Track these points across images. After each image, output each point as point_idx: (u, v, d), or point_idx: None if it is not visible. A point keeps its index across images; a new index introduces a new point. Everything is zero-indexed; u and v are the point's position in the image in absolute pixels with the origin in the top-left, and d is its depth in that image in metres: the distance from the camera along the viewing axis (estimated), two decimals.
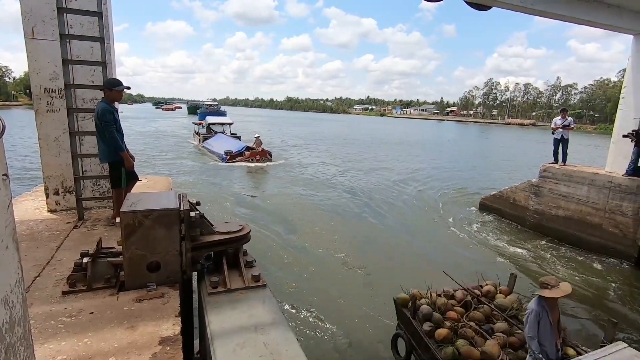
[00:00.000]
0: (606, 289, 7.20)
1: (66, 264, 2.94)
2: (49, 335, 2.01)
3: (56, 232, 3.75)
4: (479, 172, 21.10)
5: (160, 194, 3.25)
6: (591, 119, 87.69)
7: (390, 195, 14.22)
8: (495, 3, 7.66)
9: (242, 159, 19.17)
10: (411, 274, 7.52)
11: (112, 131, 3.88)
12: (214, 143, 22.74)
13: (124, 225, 2.41)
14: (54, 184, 4.47)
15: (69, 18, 4.17)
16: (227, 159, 19.01)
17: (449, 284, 4.78)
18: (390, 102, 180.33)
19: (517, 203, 10.95)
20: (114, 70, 4.53)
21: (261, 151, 19.69)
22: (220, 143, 22.08)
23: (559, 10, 8.10)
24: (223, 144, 21.45)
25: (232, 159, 19.12)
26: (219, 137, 24.39)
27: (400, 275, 7.29)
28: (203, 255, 2.85)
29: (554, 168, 10.06)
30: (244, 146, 20.29)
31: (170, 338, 2.03)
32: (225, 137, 24.47)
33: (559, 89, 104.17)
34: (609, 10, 8.59)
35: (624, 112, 9.59)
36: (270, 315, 2.31)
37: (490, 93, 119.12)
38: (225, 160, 19.04)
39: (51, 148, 4.39)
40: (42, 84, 4.21)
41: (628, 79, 9.57)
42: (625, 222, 8.46)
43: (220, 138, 24.07)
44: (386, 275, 7.28)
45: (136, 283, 2.52)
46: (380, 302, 6.05)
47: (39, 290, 2.53)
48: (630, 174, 8.60)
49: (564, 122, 10.20)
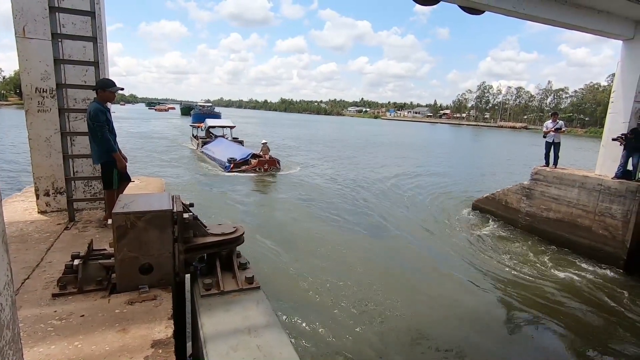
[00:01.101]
0: (593, 293, 7.29)
1: (56, 266, 2.90)
2: (38, 339, 1.98)
3: (46, 234, 3.70)
4: (475, 173, 21.27)
5: (153, 195, 3.22)
6: (581, 122, 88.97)
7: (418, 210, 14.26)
8: (488, 7, 7.75)
9: (247, 168, 16.95)
10: (410, 277, 7.56)
11: (105, 132, 3.84)
12: (214, 149, 20.62)
13: (116, 226, 2.38)
14: (44, 184, 4.41)
15: (61, 17, 4.14)
16: (230, 168, 16.87)
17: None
18: (384, 104, 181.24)
19: (509, 205, 11.06)
20: (106, 70, 4.49)
21: (269, 159, 17.43)
22: (222, 149, 19.95)
23: (550, 15, 8.23)
24: (225, 150, 19.37)
25: (236, 167, 16.95)
26: (220, 142, 22.20)
27: (401, 282, 7.33)
28: (196, 257, 2.83)
29: (545, 171, 10.19)
30: (249, 153, 18.19)
31: (162, 341, 2.01)
32: (227, 142, 22.28)
33: (550, 93, 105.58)
34: (599, 16, 8.74)
35: (613, 116, 9.75)
36: (264, 317, 2.30)
37: (483, 96, 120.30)
38: (228, 170, 16.87)
39: (42, 148, 4.33)
40: (33, 84, 4.16)
41: (617, 83, 9.73)
42: (614, 224, 8.58)
43: (221, 143, 21.91)
44: (385, 282, 7.29)
45: (128, 285, 2.49)
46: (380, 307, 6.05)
47: (28, 293, 2.49)
48: (620, 176, 8.74)
49: (555, 126, 10.34)
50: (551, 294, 7.04)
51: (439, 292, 6.94)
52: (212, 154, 19.84)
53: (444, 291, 6.97)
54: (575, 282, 7.59)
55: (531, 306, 6.62)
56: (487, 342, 5.58)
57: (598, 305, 6.77)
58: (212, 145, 21.74)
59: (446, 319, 6.04)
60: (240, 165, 17.16)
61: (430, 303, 6.51)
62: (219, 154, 19.13)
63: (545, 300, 6.82)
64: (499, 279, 7.59)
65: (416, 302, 6.48)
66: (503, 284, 7.42)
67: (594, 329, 6.08)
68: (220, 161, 18.14)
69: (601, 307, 6.72)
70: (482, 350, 5.39)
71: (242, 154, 18.26)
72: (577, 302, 6.84)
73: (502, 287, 7.30)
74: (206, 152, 20.94)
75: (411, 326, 5.73)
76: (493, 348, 5.47)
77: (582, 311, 6.56)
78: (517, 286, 7.33)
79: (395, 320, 5.88)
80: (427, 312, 6.20)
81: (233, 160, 17.25)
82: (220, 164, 18.00)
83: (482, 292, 7.03)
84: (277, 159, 17.89)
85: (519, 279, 7.60)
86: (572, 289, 7.32)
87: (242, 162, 17.34)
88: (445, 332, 5.70)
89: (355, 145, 35.30)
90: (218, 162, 18.33)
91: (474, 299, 6.79)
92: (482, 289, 7.17)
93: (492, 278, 7.63)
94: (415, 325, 5.75)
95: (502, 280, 7.54)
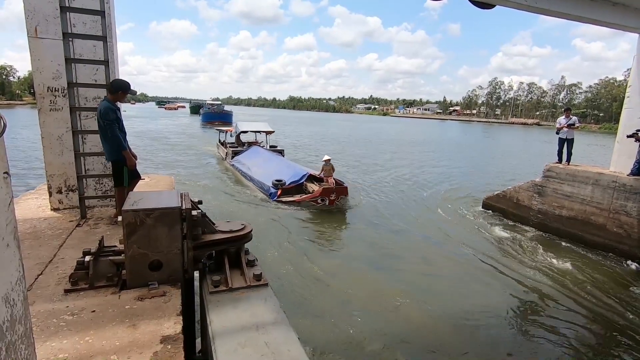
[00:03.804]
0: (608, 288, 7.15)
1: (69, 262, 2.95)
2: (50, 334, 2.01)
3: (59, 231, 3.76)
4: (491, 170, 20.95)
5: (162, 192, 3.25)
6: (595, 118, 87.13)
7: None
8: (498, 1, 7.62)
9: (305, 198, 11.28)
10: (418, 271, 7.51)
11: (115, 130, 3.89)
12: (249, 162, 15.37)
13: (126, 223, 2.41)
14: (57, 182, 4.48)
15: (72, 17, 4.20)
16: (277, 195, 11.71)
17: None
18: (393, 101, 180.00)
19: (520, 203, 10.90)
20: (116, 69, 4.54)
21: (337, 187, 11.28)
22: (260, 164, 14.81)
23: (563, 9, 8.05)
24: (266, 167, 14.21)
25: (284, 194, 11.81)
26: (255, 153, 16.78)
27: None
28: (205, 254, 2.84)
29: (558, 168, 10.00)
30: (303, 174, 12.59)
31: (171, 337, 2.02)
32: (266, 154, 16.55)
33: (563, 88, 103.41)
34: (614, 9, 8.52)
35: (629, 111, 9.52)
36: (271, 314, 2.30)
37: (494, 92, 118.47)
38: (274, 197, 11.68)
39: (54, 147, 4.41)
40: (45, 83, 4.23)
41: (633, 78, 9.49)
42: (629, 222, 8.39)
43: (257, 154, 16.52)
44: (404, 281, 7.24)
45: (138, 282, 2.52)
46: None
47: (41, 289, 2.54)
48: (635, 173, 8.53)
49: (568, 122, 10.14)
50: (572, 291, 6.94)
51: (455, 288, 6.89)
52: (249, 171, 14.48)
53: (460, 287, 6.92)
54: (592, 278, 7.45)
55: (550, 300, 6.57)
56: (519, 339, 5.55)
57: (614, 299, 6.65)
58: (246, 156, 16.58)
59: (458, 317, 6.00)
60: (291, 191, 12.07)
61: (449, 300, 6.47)
62: (258, 171, 13.96)
63: (565, 295, 6.76)
64: (513, 278, 7.49)
65: (434, 298, 6.44)
66: (518, 282, 7.32)
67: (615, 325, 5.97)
68: (261, 183, 12.92)
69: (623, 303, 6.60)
70: (504, 344, 5.36)
71: (292, 174, 12.78)
72: (599, 296, 6.74)
73: (517, 284, 7.21)
74: (239, 167, 15.62)
75: (427, 324, 5.71)
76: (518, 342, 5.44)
77: (605, 305, 6.46)
78: (534, 282, 7.23)
79: (417, 317, 5.85)
80: (442, 310, 6.17)
81: (281, 184, 12.07)
82: (261, 187, 12.84)
83: (502, 293, 6.96)
84: (344, 183, 11.87)
85: (533, 276, 7.49)
86: (594, 284, 7.19)
87: (294, 185, 12.24)
88: (459, 327, 5.66)
89: (385, 147, 31.70)
90: (257, 184, 13.18)
91: (499, 298, 6.72)
92: (499, 290, 7.09)
93: (505, 277, 7.54)
94: (431, 321, 5.73)
95: (516, 279, 7.44)
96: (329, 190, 10.93)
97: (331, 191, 10.93)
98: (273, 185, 12.07)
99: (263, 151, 17.25)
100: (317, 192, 11.03)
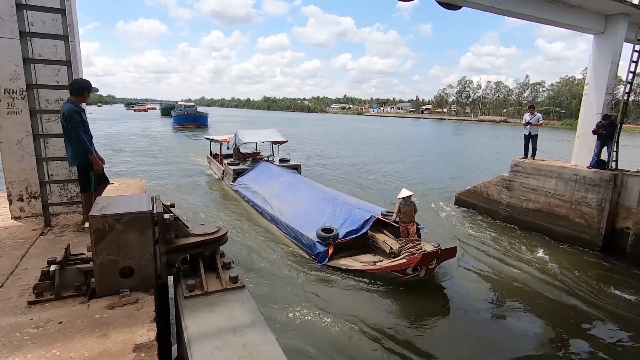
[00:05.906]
0: (570, 277, 7.55)
1: (32, 272, 2.80)
2: (13, 348, 1.91)
3: (21, 240, 3.57)
4: (459, 167, 21.65)
5: (132, 196, 3.15)
6: (558, 115, 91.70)
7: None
8: (464, 3, 7.89)
9: (387, 267, 6.67)
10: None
11: (80, 133, 3.73)
12: (266, 191, 10.56)
13: (94, 230, 2.31)
14: (17, 189, 4.25)
15: (30, 15, 3.99)
16: (329, 256, 7.26)
17: None
18: (368, 100, 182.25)
19: (490, 197, 11.32)
20: (80, 69, 4.36)
21: (435, 251, 6.39)
22: (283, 194, 10.14)
23: (524, 10, 8.45)
24: (296, 199, 9.64)
25: (337, 251, 7.42)
26: (271, 175, 11.85)
27: None
28: (179, 259, 2.77)
29: (524, 162, 10.47)
30: (368, 217, 7.79)
31: (145, 344, 1.97)
32: (290, 177, 11.38)
33: (528, 87, 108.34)
34: (571, 11, 9.02)
35: (587, 107, 10.09)
36: (249, 316, 2.28)
37: (464, 91, 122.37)
38: (323, 261, 7.25)
39: (13, 152, 4.17)
40: (2, 85, 4.00)
41: (590, 76, 10.07)
42: (590, 212, 8.90)
43: (274, 176, 11.61)
44: None
45: (108, 290, 2.43)
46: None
47: (2, 302, 2.40)
48: (594, 166, 9.07)
49: (532, 118, 10.62)
50: (534, 279, 7.26)
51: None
52: (268, 207, 9.62)
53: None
54: (555, 266, 7.84)
55: (513, 291, 6.84)
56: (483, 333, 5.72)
57: (577, 286, 7.03)
58: (256, 179, 11.82)
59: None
60: (347, 243, 7.60)
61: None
62: (285, 209, 9.19)
63: (527, 285, 7.05)
64: (482, 269, 7.77)
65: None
66: (487, 273, 7.60)
67: (574, 310, 6.31)
68: (294, 232, 8.24)
69: (581, 288, 6.99)
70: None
71: (347, 217, 8.04)
72: (557, 283, 7.09)
73: (487, 276, 7.48)
74: (250, 199, 10.72)
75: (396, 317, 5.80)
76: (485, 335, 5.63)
77: (562, 292, 6.81)
78: (501, 274, 7.53)
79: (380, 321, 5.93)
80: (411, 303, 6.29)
81: (332, 237, 7.41)
82: (294, 237, 8.22)
83: (468, 284, 7.19)
84: (440, 245, 6.57)
85: (500, 268, 7.80)
86: (554, 272, 7.56)
87: (351, 238, 7.58)
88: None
89: (363, 146, 31.71)
90: (286, 231, 8.55)
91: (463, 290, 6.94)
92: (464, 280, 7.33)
93: (473, 267, 7.80)
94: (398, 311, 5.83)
95: (485, 270, 7.71)
96: (431, 256, 6.39)
97: (434, 256, 6.42)
98: (320, 238, 7.43)
99: (280, 171, 12.10)
100: (411, 260, 6.41)
